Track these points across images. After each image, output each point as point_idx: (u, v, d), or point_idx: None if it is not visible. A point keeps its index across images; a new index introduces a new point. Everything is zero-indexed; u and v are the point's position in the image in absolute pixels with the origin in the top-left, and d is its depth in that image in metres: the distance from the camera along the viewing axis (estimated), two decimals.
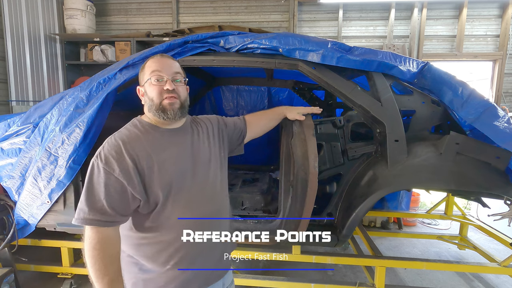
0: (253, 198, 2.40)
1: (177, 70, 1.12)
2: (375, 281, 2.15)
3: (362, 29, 4.43)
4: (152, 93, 1.07)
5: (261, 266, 2.79)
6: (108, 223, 0.97)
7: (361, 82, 2.17)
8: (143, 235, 1.05)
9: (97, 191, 0.97)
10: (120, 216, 0.99)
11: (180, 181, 1.05)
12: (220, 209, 1.17)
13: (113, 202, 0.97)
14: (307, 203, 1.85)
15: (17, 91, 3.78)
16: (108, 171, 0.97)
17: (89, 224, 0.95)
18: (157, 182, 1.01)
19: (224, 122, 1.37)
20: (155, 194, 1.02)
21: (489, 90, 4.33)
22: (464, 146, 1.75)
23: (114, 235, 0.99)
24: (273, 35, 1.97)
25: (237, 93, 3.83)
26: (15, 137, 2.12)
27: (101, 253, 0.95)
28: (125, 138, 1.04)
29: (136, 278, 1.05)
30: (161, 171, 1.02)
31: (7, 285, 2.17)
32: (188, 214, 1.06)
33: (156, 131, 1.09)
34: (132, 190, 0.98)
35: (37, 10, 4.03)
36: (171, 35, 4.17)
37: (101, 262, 0.94)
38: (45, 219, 2.10)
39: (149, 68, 1.09)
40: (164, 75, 1.07)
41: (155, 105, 1.07)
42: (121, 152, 1.00)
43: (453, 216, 3.18)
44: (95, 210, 0.95)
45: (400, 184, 1.85)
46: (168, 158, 1.05)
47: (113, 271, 0.96)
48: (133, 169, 0.99)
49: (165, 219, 1.04)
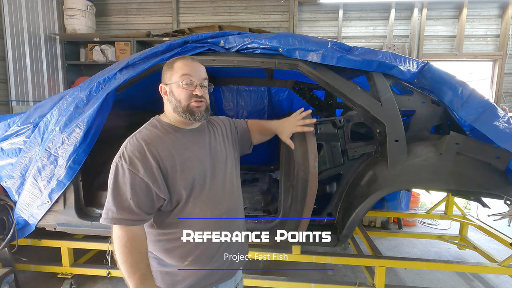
0: (253, 198, 2.40)
1: (205, 76, 1.15)
2: (375, 281, 2.15)
3: (362, 29, 4.43)
4: (180, 95, 1.09)
5: (261, 266, 2.79)
6: (136, 222, 1.00)
7: (361, 82, 2.17)
8: (163, 231, 1.10)
9: (124, 191, 1.00)
10: (146, 215, 1.03)
11: (201, 180, 1.09)
12: (237, 208, 1.22)
13: (140, 202, 1.00)
14: (307, 203, 1.85)
15: (17, 91, 3.78)
16: (133, 171, 1.00)
17: (118, 224, 0.99)
18: (180, 181, 1.05)
19: (235, 124, 1.40)
20: (178, 193, 1.06)
21: (489, 90, 4.33)
22: (464, 146, 1.75)
23: (141, 233, 1.03)
24: (273, 35, 1.97)
25: (237, 93, 3.83)
26: (15, 137, 2.12)
27: (131, 250, 0.99)
28: (147, 138, 1.06)
29: (154, 272, 1.09)
30: (184, 170, 1.06)
31: (7, 285, 2.17)
32: (208, 212, 1.10)
33: (176, 131, 1.12)
34: (157, 190, 1.02)
35: (37, 10, 4.03)
36: (171, 35, 4.17)
37: (132, 259, 0.98)
38: (45, 219, 2.10)
39: (180, 70, 1.10)
40: (194, 80, 1.10)
41: (182, 107, 1.09)
42: (144, 153, 1.02)
43: (453, 216, 3.18)
44: (123, 209, 0.99)
45: (400, 184, 1.85)
46: (189, 157, 1.09)
47: (144, 266, 1.00)
48: (157, 169, 1.02)
49: (185, 216, 1.08)
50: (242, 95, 3.83)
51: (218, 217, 1.12)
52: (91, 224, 2.07)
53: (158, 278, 1.10)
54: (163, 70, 1.15)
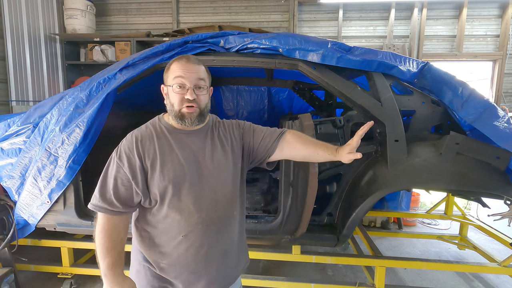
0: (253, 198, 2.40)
1: (201, 76, 1.09)
2: (375, 281, 2.15)
3: (362, 29, 4.43)
4: (173, 99, 1.07)
5: (261, 266, 2.79)
6: (114, 212, 1.04)
7: (361, 82, 2.17)
8: (144, 228, 1.11)
9: (109, 181, 1.05)
10: (125, 207, 1.05)
11: (179, 185, 1.05)
12: (223, 219, 1.11)
13: (119, 195, 1.04)
14: (307, 203, 1.85)
15: (17, 91, 3.78)
16: (119, 164, 1.05)
17: (98, 211, 1.05)
18: (156, 183, 1.05)
19: (252, 132, 1.23)
20: (154, 194, 1.06)
21: (489, 90, 4.33)
22: (464, 146, 1.75)
23: (120, 224, 1.06)
24: (273, 35, 1.97)
25: (237, 93, 3.83)
26: (15, 137, 2.12)
27: (107, 237, 1.03)
28: (139, 135, 1.09)
29: (139, 265, 1.13)
30: (162, 171, 1.05)
31: (7, 285, 2.17)
32: (183, 219, 1.05)
33: (170, 133, 1.11)
34: (135, 186, 1.04)
35: (37, 10, 4.02)
36: (171, 35, 4.16)
37: (105, 245, 1.03)
38: (45, 219, 2.10)
39: (173, 72, 1.07)
40: (186, 83, 1.05)
41: (174, 111, 1.08)
42: (133, 149, 1.06)
43: (453, 216, 3.18)
44: (104, 199, 1.04)
45: (400, 184, 1.85)
46: (171, 159, 1.06)
47: (114, 254, 1.04)
48: (139, 167, 1.05)
49: (162, 218, 1.07)
50: (242, 95, 3.83)
51: (195, 225, 1.05)
52: (91, 224, 2.07)
53: (142, 272, 1.12)
54: (164, 70, 1.13)
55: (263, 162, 1.26)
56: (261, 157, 1.23)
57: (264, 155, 1.22)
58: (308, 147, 1.22)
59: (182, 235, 1.05)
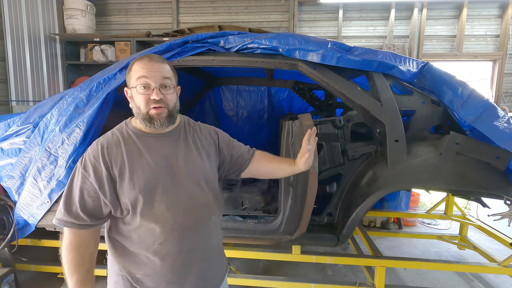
0: (253, 198, 2.40)
1: (166, 74, 1.03)
2: (375, 281, 2.15)
3: (362, 29, 4.43)
4: (139, 101, 1.01)
5: (261, 266, 2.79)
6: (81, 226, 0.98)
7: (361, 82, 2.17)
8: (117, 238, 1.05)
9: (74, 194, 0.99)
10: (94, 220, 1.00)
11: (151, 191, 0.99)
12: (198, 224, 1.06)
13: (86, 207, 0.99)
14: (307, 203, 1.85)
15: (17, 91, 3.78)
16: (84, 175, 0.99)
17: (64, 226, 0.99)
18: (126, 192, 0.98)
19: (231, 147, 1.24)
20: (125, 203, 1.00)
21: (489, 90, 4.33)
22: (464, 146, 1.75)
23: (88, 237, 1.01)
24: (273, 35, 1.97)
25: (237, 93, 3.83)
26: (15, 137, 2.12)
27: (72, 253, 0.98)
28: (105, 143, 1.03)
29: (117, 276, 1.06)
30: (132, 179, 0.99)
31: (7, 285, 2.17)
32: (157, 226, 0.99)
33: (138, 137, 1.05)
34: (103, 197, 0.99)
35: (37, 10, 4.02)
36: (171, 35, 4.16)
37: (73, 261, 0.98)
38: (45, 219, 2.10)
39: (136, 73, 1.01)
40: (151, 83, 0.99)
41: (142, 114, 1.01)
42: (98, 158, 1.00)
43: (453, 216, 3.18)
44: (70, 212, 0.98)
45: (400, 184, 1.85)
46: (141, 166, 1.00)
47: (84, 271, 0.99)
48: (106, 176, 0.98)
49: (136, 227, 1.01)
50: (242, 95, 3.83)
51: (171, 232, 0.99)
52: None
53: (120, 283, 1.04)
54: (126, 72, 1.07)
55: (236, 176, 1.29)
56: (234, 171, 1.26)
57: (238, 170, 1.26)
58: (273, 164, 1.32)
59: (157, 243, 0.99)
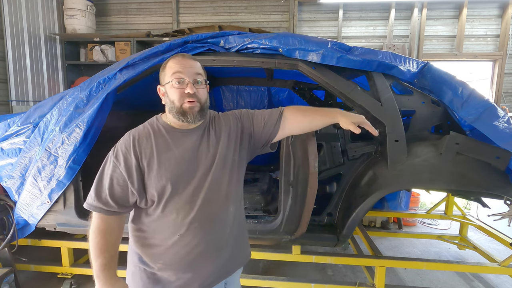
0: (253, 198, 2.40)
1: (199, 71, 1.10)
2: (375, 281, 2.15)
3: (362, 29, 4.43)
4: (173, 95, 1.06)
5: (261, 266, 2.79)
6: (109, 212, 1.04)
7: (361, 82, 2.17)
8: (139, 228, 1.11)
9: (104, 181, 1.05)
10: (121, 207, 1.05)
11: (176, 185, 1.05)
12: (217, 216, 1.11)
13: (115, 195, 1.04)
14: (307, 203, 1.85)
15: (17, 91, 3.78)
16: (116, 164, 1.05)
17: (93, 210, 1.05)
18: (154, 182, 1.04)
19: (251, 119, 1.24)
20: (151, 194, 1.05)
21: (489, 90, 4.33)
22: (464, 146, 1.75)
23: (114, 224, 1.06)
24: (273, 35, 1.97)
25: (237, 93, 3.83)
26: (15, 137, 2.12)
27: (100, 237, 1.03)
28: (136, 135, 1.09)
29: (135, 267, 1.11)
30: (160, 171, 1.04)
31: (7, 285, 2.17)
32: (179, 218, 1.05)
33: (167, 132, 1.10)
34: (131, 186, 1.04)
35: (37, 10, 4.02)
36: (171, 35, 4.16)
37: (98, 245, 1.02)
38: (45, 219, 2.10)
39: (170, 69, 1.07)
40: (185, 78, 1.06)
41: (175, 108, 1.07)
42: (130, 148, 1.05)
43: (453, 216, 3.18)
44: (100, 198, 1.04)
45: (400, 184, 1.85)
46: (168, 159, 1.06)
47: (108, 256, 1.03)
48: (136, 166, 1.04)
49: (157, 218, 1.07)
50: (242, 95, 3.84)
51: (191, 224, 1.05)
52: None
53: (137, 273, 1.10)
54: (159, 72, 1.14)
55: (266, 146, 1.27)
56: (264, 142, 1.25)
57: (267, 139, 1.24)
58: (306, 117, 1.25)
59: (178, 234, 1.05)
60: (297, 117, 1.24)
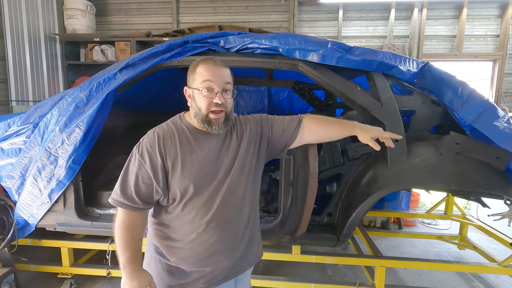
0: None
1: (228, 79, 1.10)
2: (375, 281, 2.15)
3: (362, 29, 4.43)
4: (200, 103, 1.08)
5: (261, 266, 2.79)
6: (134, 208, 1.08)
7: (361, 82, 2.17)
8: (159, 223, 1.15)
9: (130, 178, 1.08)
10: (145, 204, 1.09)
11: (198, 185, 1.08)
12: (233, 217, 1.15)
13: (140, 192, 1.07)
14: (307, 203, 1.85)
15: (17, 91, 3.78)
16: (141, 162, 1.07)
17: (119, 206, 1.08)
18: (177, 182, 1.07)
19: (271, 124, 1.26)
20: (174, 193, 1.08)
21: (489, 90, 4.33)
22: (464, 146, 1.75)
23: (138, 219, 1.11)
24: (273, 35, 1.97)
25: (237, 93, 3.82)
26: (15, 137, 2.12)
27: (126, 232, 1.07)
28: (161, 134, 1.11)
29: (150, 258, 1.18)
30: (184, 172, 1.07)
31: (7, 285, 2.17)
32: (197, 217, 1.09)
33: (191, 133, 1.13)
34: (156, 184, 1.07)
35: (37, 10, 4.02)
36: (171, 35, 4.16)
37: (124, 239, 1.07)
38: (45, 219, 2.10)
39: (201, 76, 1.07)
40: (215, 87, 1.06)
41: (201, 115, 1.08)
42: (155, 147, 1.08)
43: (453, 216, 3.18)
44: (125, 195, 1.07)
45: (400, 184, 1.85)
46: (192, 161, 1.09)
47: (133, 250, 1.07)
48: (161, 165, 1.07)
49: (176, 216, 1.11)
50: (242, 95, 3.84)
51: (209, 223, 1.09)
52: (91, 224, 2.07)
53: (152, 264, 1.16)
54: (188, 72, 1.13)
55: (283, 152, 1.30)
56: (281, 148, 1.27)
57: (284, 145, 1.27)
58: (324, 127, 1.28)
59: (196, 233, 1.09)
60: (315, 127, 1.27)
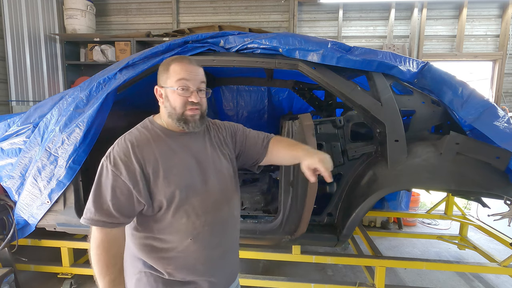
0: (253, 198, 2.40)
1: (203, 79, 1.07)
2: (375, 281, 2.15)
3: (362, 29, 4.43)
4: (175, 102, 1.03)
5: (261, 266, 2.79)
6: (113, 225, 0.98)
7: (361, 82, 2.17)
8: (146, 235, 1.05)
9: (104, 193, 0.97)
10: (125, 218, 1.00)
11: (186, 189, 1.02)
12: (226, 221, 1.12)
13: (119, 205, 0.97)
14: (307, 203, 1.85)
15: (17, 91, 3.78)
16: (116, 173, 0.97)
17: (95, 225, 0.98)
18: (161, 189, 1.00)
19: (245, 137, 1.26)
20: (159, 201, 1.01)
21: (489, 90, 4.33)
22: (464, 146, 1.75)
23: (118, 236, 1.02)
24: (273, 35, 1.97)
25: (237, 93, 3.83)
26: (15, 137, 2.12)
27: (104, 252, 0.98)
28: (134, 140, 1.02)
29: (140, 273, 1.06)
30: (167, 178, 1.00)
31: (7, 285, 2.17)
32: (190, 223, 1.03)
33: (167, 136, 1.06)
34: (137, 195, 0.98)
35: (37, 10, 4.02)
36: (171, 35, 4.16)
37: (104, 261, 0.98)
38: (45, 219, 2.10)
39: (176, 74, 1.03)
40: (190, 86, 1.03)
41: (177, 114, 1.04)
42: (129, 155, 0.99)
43: (453, 216, 3.18)
44: (101, 211, 0.97)
45: (400, 184, 1.85)
46: (176, 164, 1.03)
47: (116, 270, 1.00)
48: (140, 174, 0.98)
49: (168, 223, 1.03)
50: (242, 95, 3.84)
51: (202, 227, 1.04)
52: None
53: (143, 279, 1.05)
54: (159, 71, 1.09)
55: (253, 166, 1.29)
56: (252, 162, 1.27)
57: (255, 160, 1.26)
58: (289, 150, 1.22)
59: (190, 238, 1.03)
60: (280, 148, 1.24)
